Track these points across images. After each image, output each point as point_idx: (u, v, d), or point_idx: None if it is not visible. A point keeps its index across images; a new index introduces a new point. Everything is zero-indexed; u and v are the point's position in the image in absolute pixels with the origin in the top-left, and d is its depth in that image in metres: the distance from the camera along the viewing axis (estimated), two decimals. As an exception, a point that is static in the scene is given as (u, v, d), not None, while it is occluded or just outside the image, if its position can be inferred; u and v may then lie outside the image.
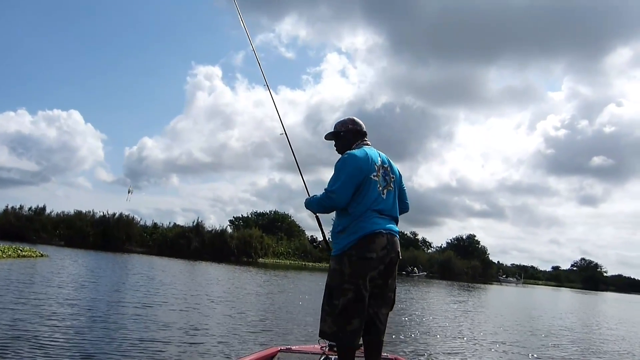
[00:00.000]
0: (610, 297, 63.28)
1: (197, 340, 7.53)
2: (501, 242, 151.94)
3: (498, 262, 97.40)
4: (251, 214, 73.98)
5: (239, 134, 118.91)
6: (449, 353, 8.70)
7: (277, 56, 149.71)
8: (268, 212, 73.84)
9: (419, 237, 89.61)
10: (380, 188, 3.57)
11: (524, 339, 11.58)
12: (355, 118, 3.95)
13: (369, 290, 3.44)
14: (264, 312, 11.86)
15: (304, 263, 60.52)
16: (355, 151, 3.64)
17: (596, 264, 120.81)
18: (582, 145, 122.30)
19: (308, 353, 4.39)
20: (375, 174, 3.56)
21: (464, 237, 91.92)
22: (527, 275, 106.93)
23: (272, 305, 13.57)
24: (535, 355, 9.24)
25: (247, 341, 7.90)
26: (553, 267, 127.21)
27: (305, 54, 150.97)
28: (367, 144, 3.81)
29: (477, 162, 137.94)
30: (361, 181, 3.49)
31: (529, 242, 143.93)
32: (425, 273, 69.54)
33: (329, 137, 3.99)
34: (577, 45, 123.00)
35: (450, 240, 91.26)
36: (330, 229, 3.83)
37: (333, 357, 4.04)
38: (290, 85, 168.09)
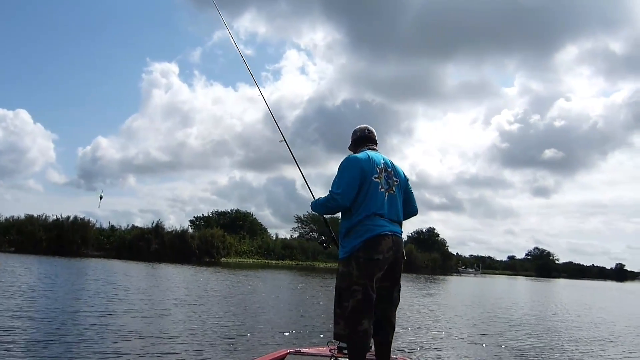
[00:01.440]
0: (563, 284, 65.72)
1: (167, 350, 7.21)
2: (460, 234, 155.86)
3: (457, 253, 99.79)
4: (212, 213, 72.90)
5: (198, 132, 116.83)
6: (447, 349, 8.71)
7: (236, 53, 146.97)
8: (229, 211, 72.98)
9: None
10: (383, 190, 3.64)
11: (505, 330, 11.80)
12: (361, 127, 4.02)
13: (376, 292, 3.52)
14: (241, 316, 11.56)
15: (267, 261, 60.14)
16: (359, 154, 3.74)
17: (549, 253, 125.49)
18: (535, 138, 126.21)
19: (317, 355, 4.36)
20: (376, 175, 3.63)
21: (424, 230, 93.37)
22: (484, 265, 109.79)
23: (254, 307, 13.29)
24: (515, 346, 9.34)
25: (220, 349, 7.63)
26: (509, 257, 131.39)
27: (265, 50, 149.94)
28: (372, 149, 3.88)
29: (435, 157, 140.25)
30: (363, 182, 3.57)
31: (486, 233, 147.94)
32: (387, 267, 70.20)
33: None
34: (530, 42, 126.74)
35: (411, 233, 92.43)
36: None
37: None
38: (249, 82, 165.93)
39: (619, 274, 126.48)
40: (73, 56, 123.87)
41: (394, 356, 4.13)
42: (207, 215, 72.22)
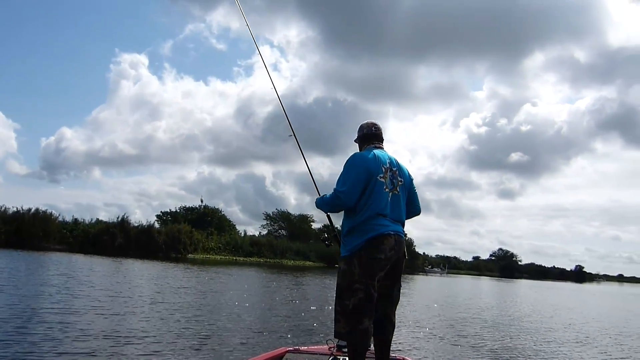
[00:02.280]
0: (526, 284, 67.11)
1: (138, 350, 6.82)
2: (426, 234, 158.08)
3: (424, 253, 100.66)
4: (180, 208, 71.35)
5: (167, 126, 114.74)
6: (434, 350, 8.54)
7: (209, 47, 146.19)
8: (197, 206, 71.79)
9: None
10: (387, 190, 3.62)
11: (482, 331, 11.70)
12: (367, 123, 3.97)
13: (377, 291, 3.53)
14: (221, 315, 11.21)
15: (235, 258, 59.42)
16: (364, 152, 3.73)
17: (512, 254, 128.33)
18: (502, 142, 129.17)
19: (316, 354, 4.36)
20: (382, 175, 3.61)
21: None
22: (450, 265, 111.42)
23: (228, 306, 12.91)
24: (493, 348, 9.29)
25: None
26: (474, 257, 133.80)
27: (237, 46, 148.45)
28: (379, 147, 3.84)
29: (405, 157, 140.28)
30: (369, 182, 3.55)
31: (452, 233, 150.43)
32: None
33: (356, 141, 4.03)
34: (500, 48, 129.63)
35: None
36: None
37: (341, 358, 4.09)
38: (221, 77, 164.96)
39: (578, 275, 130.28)
40: (37, 43, 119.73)
41: (393, 355, 4.12)
42: (174, 210, 70.97)
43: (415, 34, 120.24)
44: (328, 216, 4.25)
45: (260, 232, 79.33)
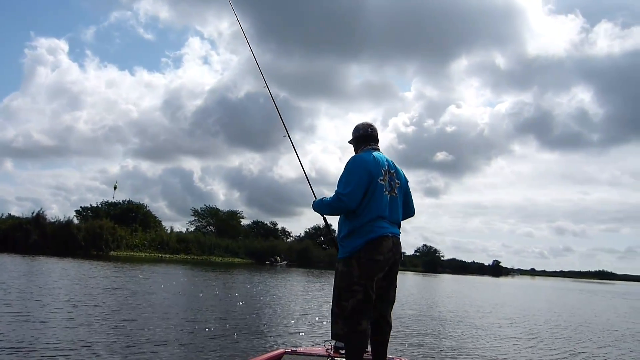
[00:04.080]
0: (449, 278, 69.75)
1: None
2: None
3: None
4: (101, 203, 67.96)
5: (88, 116, 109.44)
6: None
7: (135, 36, 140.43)
8: (121, 201, 68.67)
9: (279, 226, 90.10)
10: (386, 192, 3.67)
11: (435, 328, 11.85)
12: (364, 124, 4.05)
13: (375, 292, 3.56)
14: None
15: (160, 255, 57.41)
16: (364, 154, 3.76)
17: (435, 250, 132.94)
18: (428, 141, 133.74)
19: (314, 355, 4.40)
20: (382, 178, 3.66)
21: (321, 226, 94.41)
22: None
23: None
24: (452, 345, 9.39)
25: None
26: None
27: (166, 36, 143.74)
28: (375, 149, 3.88)
29: (335, 155, 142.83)
30: (369, 185, 3.58)
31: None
32: (287, 262, 70.33)
33: (351, 142, 4.07)
34: (429, 50, 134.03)
35: (309, 229, 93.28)
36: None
37: None
38: (148, 67, 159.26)
39: (496, 269, 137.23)
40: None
41: (390, 356, 4.14)
42: (95, 205, 67.52)
43: (348, 32, 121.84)
44: (324, 219, 4.23)
45: (187, 229, 77.35)
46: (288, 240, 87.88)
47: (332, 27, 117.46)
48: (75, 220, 55.19)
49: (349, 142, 4.04)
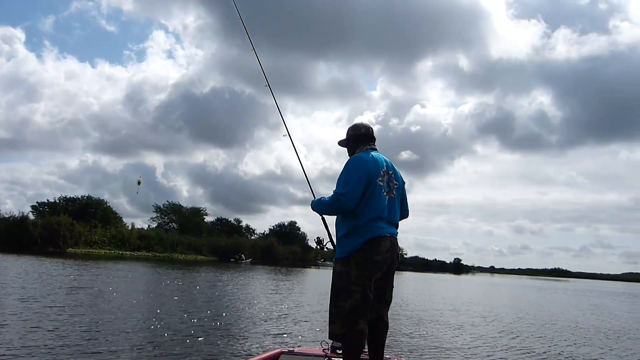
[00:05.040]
0: (411, 276, 70.49)
1: None
2: (319, 228, 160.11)
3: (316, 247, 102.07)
4: (59, 199, 65.84)
5: (46, 109, 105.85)
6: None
7: (96, 28, 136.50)
8: (80, 197, 66.59)
9: (243, 224, 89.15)
10: (385, 193, 3.65)
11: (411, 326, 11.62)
12: (359, 123, 4.04)
13: (372, 292, 3.55)
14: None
15: (121, 252, 55.87)
16: (363, 154, 3.73)
17: (399, 247, 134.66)
18: (393, 140, 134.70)
19: (311, 355, 4.39)
20: (380, 178, 3.65)
21: (286, 223, 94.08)
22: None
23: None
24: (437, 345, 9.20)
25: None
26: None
27: (129, 29, 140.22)
28: (374, 149, 3.85)
29: (301, 153, 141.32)
30: (368, 185, 3.56)
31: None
32: (251, 259, 69.66)
33: (341, 143, 4.04)
34: (396, 49, 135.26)
35: (273, 227, 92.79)
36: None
37: None
38: (109, 60, 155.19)
39: (457, 267, 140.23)
40: None
41: (387, 356, 4.12)
42: (53, 201, 65.24)
43: (317, 29, 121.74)
44: (323, 219, 4.21)
45: (149, 225, 75.72)
46: (252, 237, 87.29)
47: (301, 24, 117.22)
48: (31, 216, 53.56)
49: (339, 142, 4.03)
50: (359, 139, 3.91)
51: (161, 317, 10.13)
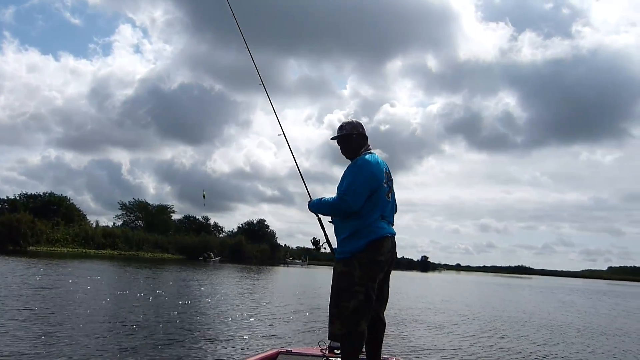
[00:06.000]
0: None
1: None
2: (288, 227, 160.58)
3: (285, 245, 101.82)
4: (20, 195, 63.58)
5: (6, 102, 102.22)
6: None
7: (60, 20, 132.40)
8: (42, 194, 64.43)
9: (211, 222, 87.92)
10: (386, 195, 3.69)
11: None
12: (355, 122, 4.02)
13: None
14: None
15: (85, 250, 54.25)
16: (369, 157, 3.73)
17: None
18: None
19: (309, 355, 4.38)
20: (385, 181, 3.70)
21: (255, 221, 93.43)
22: (310, 257, 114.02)
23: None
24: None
25: None
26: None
27: (94, 22, 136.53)
28: (372, 150, 3.86)
29: (270, 150, 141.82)
30: (373, 187, 3.58)
31: (312, 226, 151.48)
32: (220, 258, 68.80)
33: (339, 139, 3.95)
34: (367, 48, 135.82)
35: (242, 224, 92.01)
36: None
37: None
38: (74, 53, 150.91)
39: (424, 265, 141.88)
40: None
41: (385, 356, 4.08)
42: (12, 197, 62.88)
43: (288, 25, 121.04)
44: (319, 219, 4.14)
45: (114, 223, 74.01)
46: (221, 235, 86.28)
47: (271, 19, 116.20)
48: (-11, 213, 51.23)
49: (337, 139, 3.96)
50: (361, 138, 3.90)
51: (146, 319, 9.76)
